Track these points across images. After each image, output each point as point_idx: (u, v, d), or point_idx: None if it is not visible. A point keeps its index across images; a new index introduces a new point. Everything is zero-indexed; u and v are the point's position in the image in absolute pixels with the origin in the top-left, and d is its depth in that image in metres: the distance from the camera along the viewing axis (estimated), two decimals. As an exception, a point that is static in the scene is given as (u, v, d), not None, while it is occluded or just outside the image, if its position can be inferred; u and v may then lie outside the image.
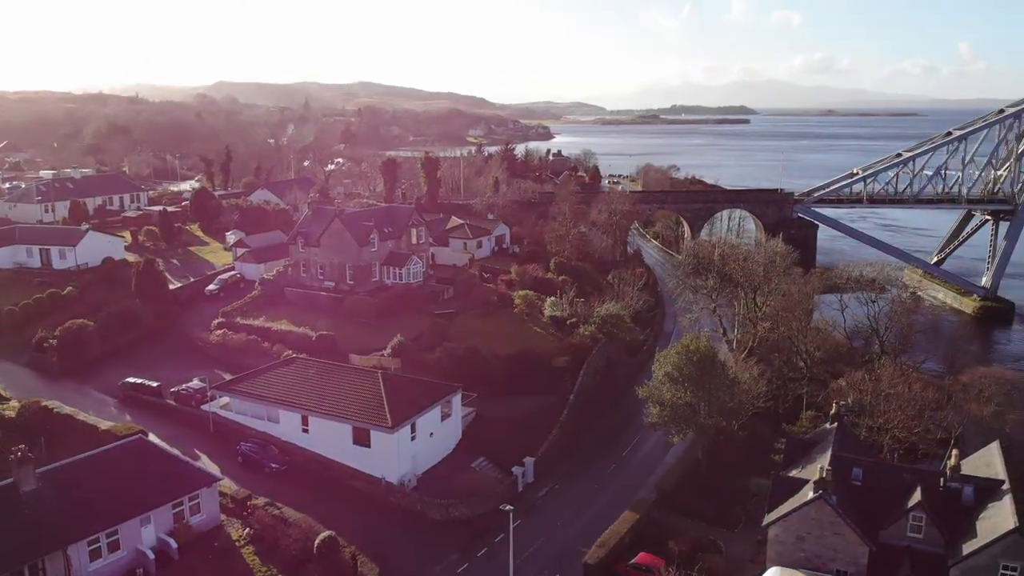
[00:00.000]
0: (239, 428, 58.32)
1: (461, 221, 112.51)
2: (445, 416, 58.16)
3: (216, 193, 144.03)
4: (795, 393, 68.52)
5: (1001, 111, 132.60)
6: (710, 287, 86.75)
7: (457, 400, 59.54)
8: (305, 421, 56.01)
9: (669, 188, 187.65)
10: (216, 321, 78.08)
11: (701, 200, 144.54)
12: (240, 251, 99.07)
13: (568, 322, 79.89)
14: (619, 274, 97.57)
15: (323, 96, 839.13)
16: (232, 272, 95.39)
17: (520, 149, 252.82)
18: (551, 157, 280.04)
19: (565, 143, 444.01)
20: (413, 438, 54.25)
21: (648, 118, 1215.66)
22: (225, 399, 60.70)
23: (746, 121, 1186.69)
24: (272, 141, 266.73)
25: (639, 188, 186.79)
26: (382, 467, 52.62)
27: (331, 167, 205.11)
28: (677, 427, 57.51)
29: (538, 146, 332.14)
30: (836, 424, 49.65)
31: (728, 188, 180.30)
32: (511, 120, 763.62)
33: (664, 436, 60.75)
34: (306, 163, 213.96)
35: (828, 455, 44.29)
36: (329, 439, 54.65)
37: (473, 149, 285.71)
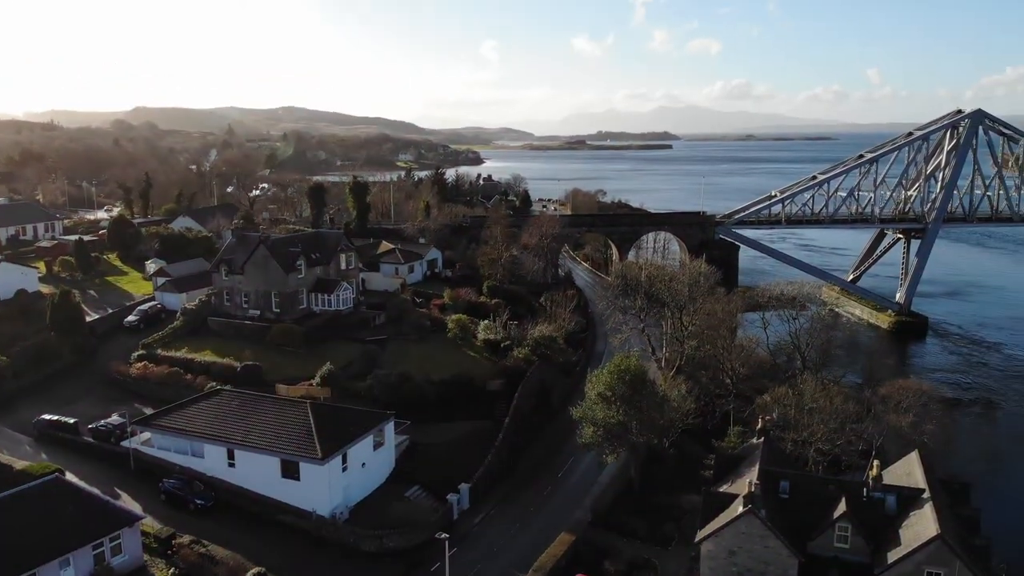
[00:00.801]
0: (162, 464, 56.19)
1: (392, 246, 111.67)
2: (378, 445, 57.12)
3: (135, 221, 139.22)
4: (722, 409, 70.06)
5: (910, 134, 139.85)
6: (638, 307, 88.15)
7: (390, 428, 58.59)
8: (231, 455, 54.19)
9: (597, 212, 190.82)
10: (136, 354, 75.25)
11: (628, 223, 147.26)
12: (161, 280, 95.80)
13: (502, 345, 79.93)
14: (551, 296, 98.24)
15: (247, 121, 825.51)
16: (152, 302, 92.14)
17: (451, 174, 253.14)
18: (482, 182, 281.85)
19: (495, 168, 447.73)
20: (344, 469, 53.05)
21: (575, 144, 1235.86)
22: (147, 434, 58.44)
23: (669, 146, 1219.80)
24: (194, 167, 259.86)
25: (568, 212, 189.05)
26: (313, 500, 51.25)
27: (256, 192, 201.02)
28: (610, 446, 57.96)
29: (468, 171, 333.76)
30: (763, 439, 50.90)
31: (653, 211, 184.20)
32: (441, 145, 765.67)
33: (598, 456, 61.08)
34: (229, 189, 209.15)
35: (756, 469, 45.27)
36: (257, 473, 52.96)
37: (403, 173, 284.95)
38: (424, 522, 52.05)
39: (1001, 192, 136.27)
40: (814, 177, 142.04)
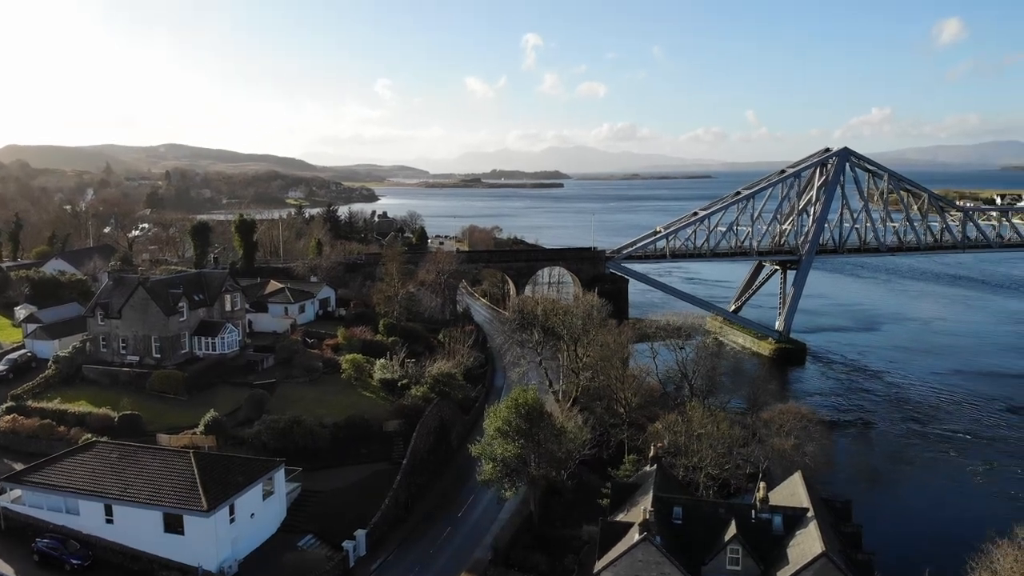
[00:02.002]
0: (34, 523, 52.05)
1: (281, 285, 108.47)
2: (267, 494, 54.70)
3: (3, 265, 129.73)
4: (617, 438, 71.39)
5: (783, 171, 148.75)
6: (535, 341, 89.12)
7: (280, 476, 56.26)
8: (109, 510, 50.65)
9: (494, 248, 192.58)
10: (4, 406, 69.45)
11: (523, 259, 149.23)
12: (31, 327, 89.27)
13: (399, 384, 78.66)
14: (450, 332, 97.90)
15: (126, 159, 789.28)
16: (22, 351, 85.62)
17: (344, 211, 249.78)
18: (377, 219, 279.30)
19: (390, 205, 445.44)
20: (232, 520, 50.45)
21: (470, 182, 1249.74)
22: (17, 492, 54.03)
23: (560, 185, 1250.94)
24: (69, 207, 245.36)
25: (465, 248, 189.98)
26: (199, 555, 48.39)
27: (136, 233, 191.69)
28: (509, 482, 57.75)
29: (363, 208, 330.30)
30: (655, 466, 52.03)
31: (547, 247, 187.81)
32: (333, 182, 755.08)
33: (497, 492, 60.73)
34: (107, 229, 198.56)
35: (650, 497, 46.12)
36: (138, 528, 49.65)
37: (293, 211, 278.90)
38: (318, 572, 49.99)
39: (868, 224, 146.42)
40: (695, 213, 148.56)
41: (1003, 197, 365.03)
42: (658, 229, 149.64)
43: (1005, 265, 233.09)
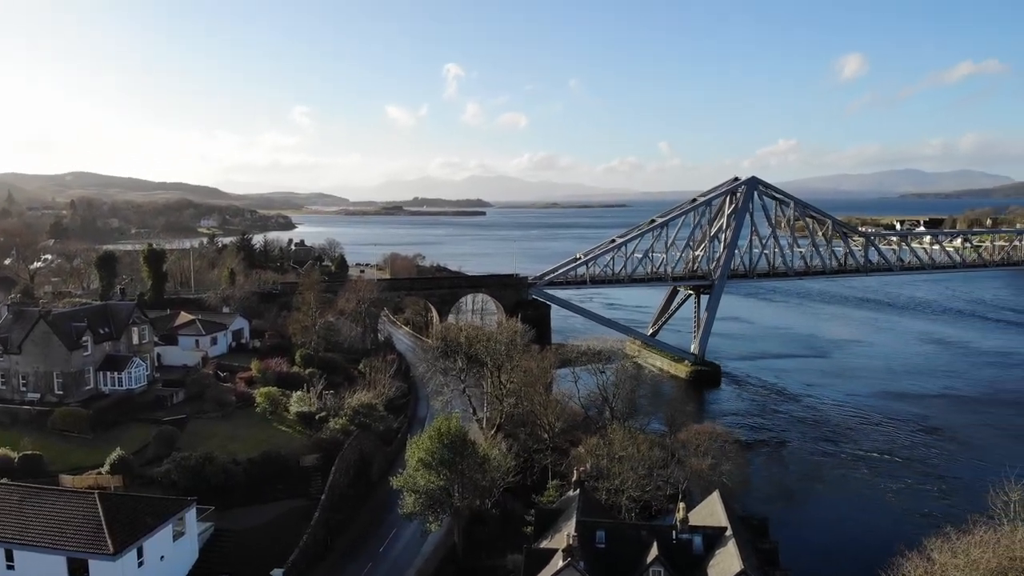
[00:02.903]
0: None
1: (192, 316, 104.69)
2: (178, 535, 52.18)
3: None
4: (541, 464, 71.46)
5: (695, 200, 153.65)
6: (459, 368, 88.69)
7: (191, 516, 53.80)
8: (9, 556, 47.33)
9: (416, 276, 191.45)
10: None
11: (446, 286, 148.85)
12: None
13: (317, 417, 76.72)
14: (370, 362, 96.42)
15: (30, 188, 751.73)
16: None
17: (259, 239, 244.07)
18: (294, 247, 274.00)
19: (309, 233, 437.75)
20: (140, 564, 47.87)
21: (392, 209, 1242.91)
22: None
23: (483, 213, 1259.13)
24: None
25: (387, 276, 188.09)
26: (102, 602, 45.63)
27: (38, 264, 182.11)
28: (433, 513, 56.90)
29: (279, 236, 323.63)
30: (578, 490, 52.29)
31: (470, 274, 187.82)
32: (248, 210, 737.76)
33: (421, 524, 59.73)
34: (7, 261, 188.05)
35: (573, 521, 46.27)
36: (40, 574, 46.53)
37: (205, 240, 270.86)
38: (233, 614, 47.92)
39: (776, 250, 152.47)
40: (613, 240, 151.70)
41: (902, 223, 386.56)
42: (578, 256, 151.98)
43: (907, 288, 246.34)
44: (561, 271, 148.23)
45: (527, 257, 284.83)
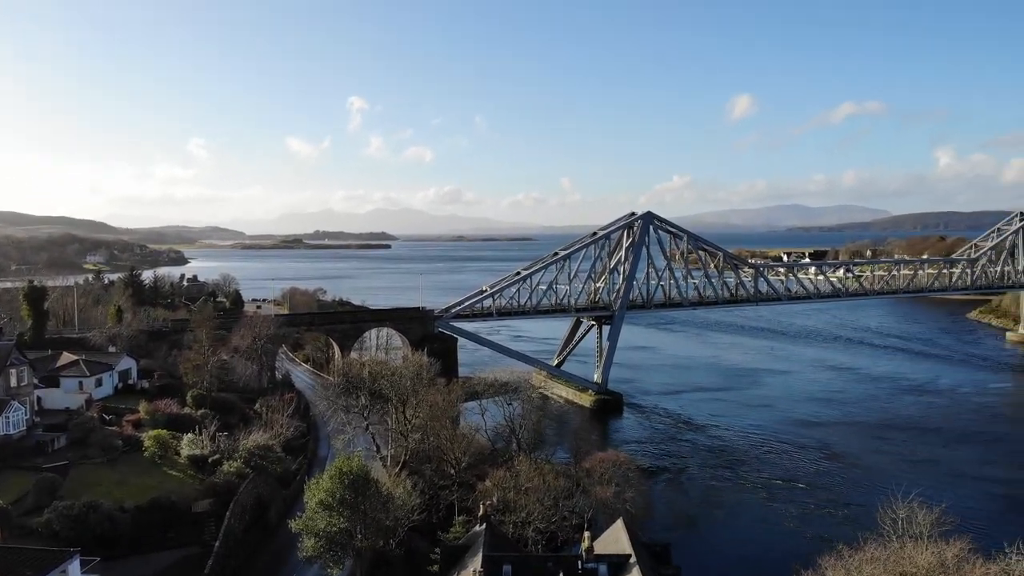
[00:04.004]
0: None
1: (76, 357, 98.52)
2: (57, 590, 48.39)
3: None
4: (447, 500, 70.41)
5: (595, 233, 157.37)
6: (361, 405, 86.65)
7: (74, 567, 49.85)
8: None
9: (317, 310, 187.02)
10: None
11: (349, 320, 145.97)
12: None
13: (210, 460, 73.19)
14: (267, 402, 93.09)
15: None
16: None
17: (148, 275, 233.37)
18: (186, 282, 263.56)
19: (202, 268, 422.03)
20: (11, 626, 44.02)
21: (291, 243, 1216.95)
22: None
23: (387, 246, 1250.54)
24: None
25: (285, 311, 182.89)
26: (-36, 673, 41.62)
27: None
28: (334, 557, 54.91)
29: (170, 271, 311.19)
30: (485, 525, 51.73)
31: (375, 308, 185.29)
32: (138, 245, 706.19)
33: (322, 569, 57.54)
34: None
35: (479, 557, 45.64)
36: None
37: (91, 276, 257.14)
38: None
39: (672, 281, 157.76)
40: (518, 273, 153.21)
41: (788, 255, 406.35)
42: (484, 288, 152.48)
43: (798, 317, 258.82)
44: (467, 303, 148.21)
45: (434, 290, 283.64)
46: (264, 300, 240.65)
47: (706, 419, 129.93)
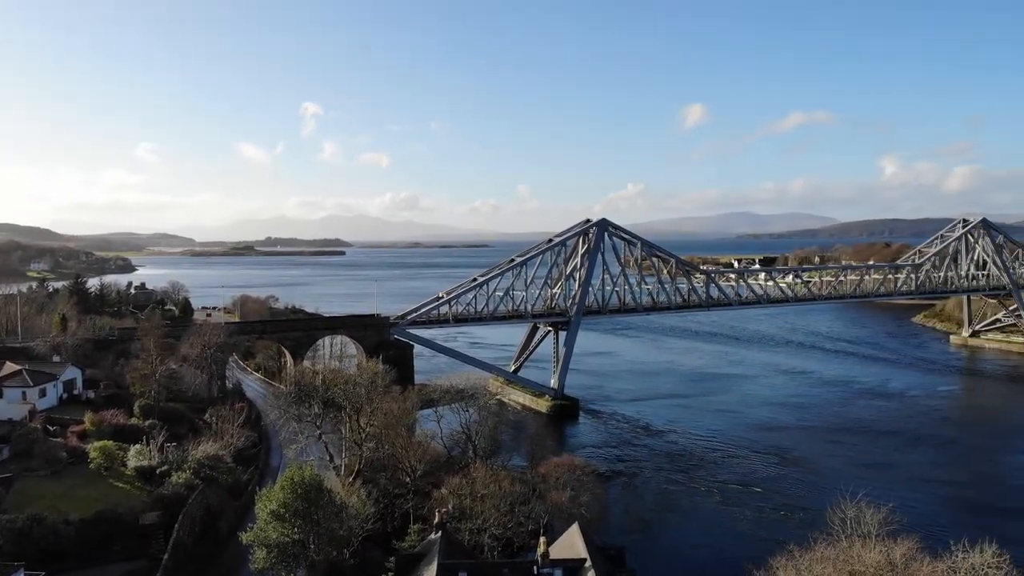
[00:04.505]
0: None
1: (18, 366, 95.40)
2: (-6, 610, 46.78)
3: None
4: (402, 509, 69.79)
5: (550, 240, 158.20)
6: (314, 414, 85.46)
7: (13, 585, 48.44)
8: None
9: (268, 318, 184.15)
10: None
11: (301, 328, 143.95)
12: None
13: (158, 471, 71.51)
14: (217, 411, 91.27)
15: None
16: None
17: (95, 282, 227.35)
18: (133, 290, 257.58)
19: (151, 275, 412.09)
20: (-56, 648, 42.35)
21: (243, 250, 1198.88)
22: None
23: (342, 252, 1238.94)
24: None
25: (236, 319, 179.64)
26: None
27: None
28: (287, 568, 54.01)
29: (117, 279, 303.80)
30: (440, 532, 51.42)
31: (328, 315, 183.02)
32: (84, 252, 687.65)
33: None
34: None
35: (434, 565, 45.35)
36: None
37: (35, 284, 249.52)
38: None
39: (626, 287, 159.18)
40: (474, 279, 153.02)
41: (739, 261, 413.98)
42: (441, 295, 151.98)
43: (750, 322, 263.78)
44: (424, 310, 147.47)
45: (389, 297, 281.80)
46: (214, 308, 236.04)
47: (662, 424, 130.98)
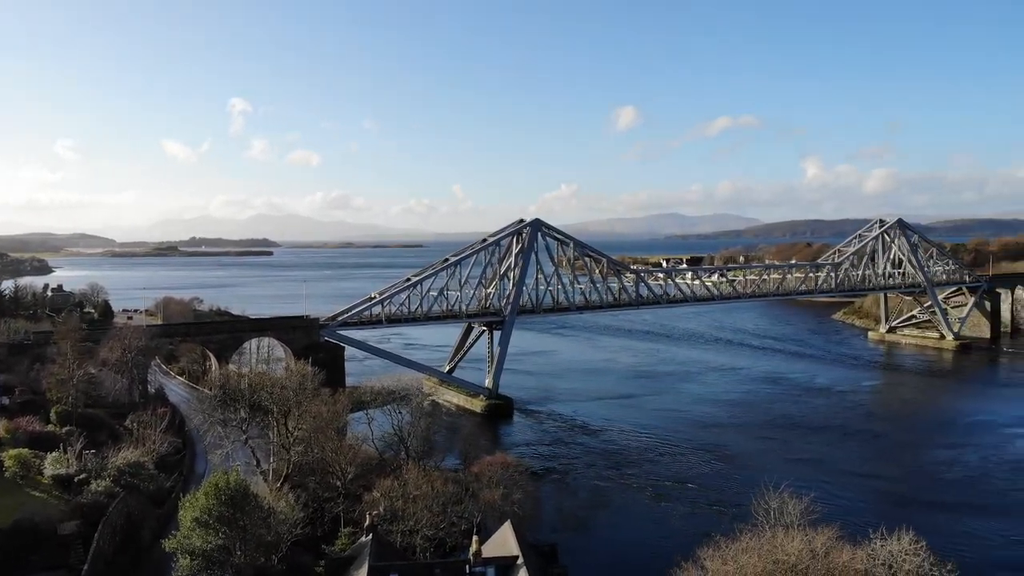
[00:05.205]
0: None
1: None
2: None
3: None
4: (332, 513, 68.73)
5: (484, 240, 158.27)
6: (240, 418, 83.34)
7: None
8: None
9: (193, 320, 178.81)
10: None
11: (227, 330, 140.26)
12: None
13: (77, 479, 68.61)
14: (139, 417, 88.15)
15: None
16: None
17: (8, 285, 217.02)
18: (50, 293, 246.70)
19: (69, 277, 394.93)
20: None
21: (166, 250, 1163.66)
22: None
23: (270, 253, 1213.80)
24: None
25: (159, 322, 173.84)
26: None
27: None
28: (212, 575, 52.46)
29: (33, 281, 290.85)
30: (371, 535, 50.82)
31: (255, 317, 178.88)
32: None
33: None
34: None
35: (365, 568, 44.82)
36: None
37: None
38: None
39: (559, 287, 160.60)
40: (408, 279, 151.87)
41: (668, 261, 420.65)
42: (373, 295, 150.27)
43: (680, 321, 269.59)
44: (355, 311, 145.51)
45: (320, 298, 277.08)
46: (136, 310, 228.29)
47: (597, 422, 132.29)
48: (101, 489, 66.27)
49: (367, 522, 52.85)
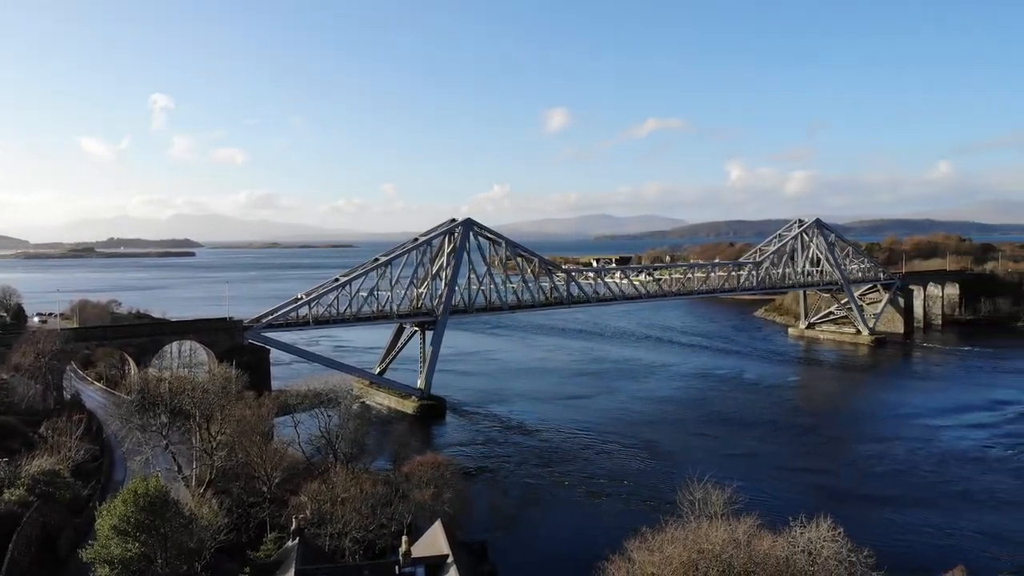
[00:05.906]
0: None
1: None
2: None
3: None
4: (258, 518, 67.25)
5: (416, 239, 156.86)
6: (160, 424, 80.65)
7: None
8: None
9: (110, 324, 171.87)
10: None
11: (146, 334, 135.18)
12: None
13: (-13, 490, 65.29)
14: (54, 424, 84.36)
15: None
16: None
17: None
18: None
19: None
20: None
21: (82, 252, 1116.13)
22: None
23: (192, 254, 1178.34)
24: None
25: (74, 325, 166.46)
26: None
27: None
28: (132, 585, 50.65)
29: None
30: (298, 539, 49.96)
31: (176, 320, 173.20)
32: None
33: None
34: None
35: (291, 572, 44.07)
36: None
37: None
38: None
39: (492, 286, 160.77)
40: (337, 280, 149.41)
41: (597, 261, 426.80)
42: (300, 296, 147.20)
43: (611, 319, 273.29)
44: (281, 312, 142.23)
45: (245, 299, 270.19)
46: (50, 314, 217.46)
47: (530, 421, 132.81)
48: (15, 498, 63.38)
49: (293, 526, 51.97)
